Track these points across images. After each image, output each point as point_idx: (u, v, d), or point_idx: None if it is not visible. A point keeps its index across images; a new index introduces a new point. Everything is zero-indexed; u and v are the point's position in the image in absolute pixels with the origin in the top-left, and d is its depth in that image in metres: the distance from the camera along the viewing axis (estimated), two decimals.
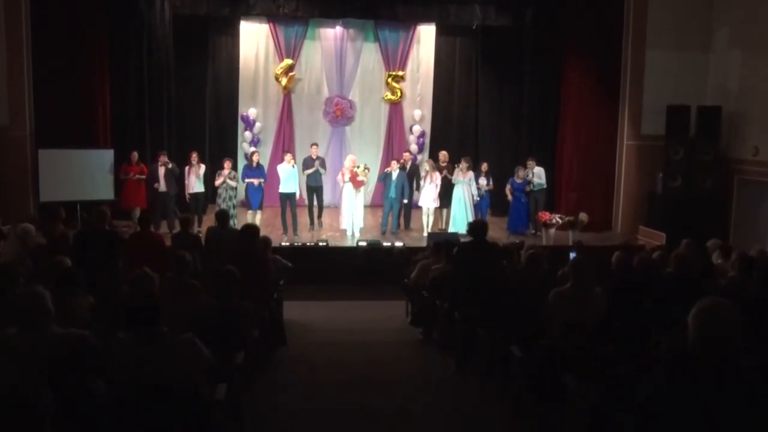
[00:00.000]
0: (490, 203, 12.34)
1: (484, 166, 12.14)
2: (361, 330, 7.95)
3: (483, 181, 11.89)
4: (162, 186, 11.39)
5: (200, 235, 8.63)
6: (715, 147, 11.38)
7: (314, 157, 11.59)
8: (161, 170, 11.38)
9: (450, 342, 6.45)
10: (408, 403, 5.46)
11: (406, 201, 11.69)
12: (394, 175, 11.54)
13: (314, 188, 11.68)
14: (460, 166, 11.75)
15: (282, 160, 11.69)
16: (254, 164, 11.55)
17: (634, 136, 12.19)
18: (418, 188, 11.92)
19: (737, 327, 2.65)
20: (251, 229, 6.73)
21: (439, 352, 6.69)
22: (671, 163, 11.52)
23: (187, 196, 11.58)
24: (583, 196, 12.57)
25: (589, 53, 12.56)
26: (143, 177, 11.46)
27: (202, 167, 11.67)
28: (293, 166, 11.44)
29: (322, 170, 11.68)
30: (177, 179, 11.51)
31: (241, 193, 12.09)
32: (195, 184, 11.54)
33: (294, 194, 11.36)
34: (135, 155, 11.52)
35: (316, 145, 11.88)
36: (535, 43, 13.32)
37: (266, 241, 7.17)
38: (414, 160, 12.94)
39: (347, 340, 7.49)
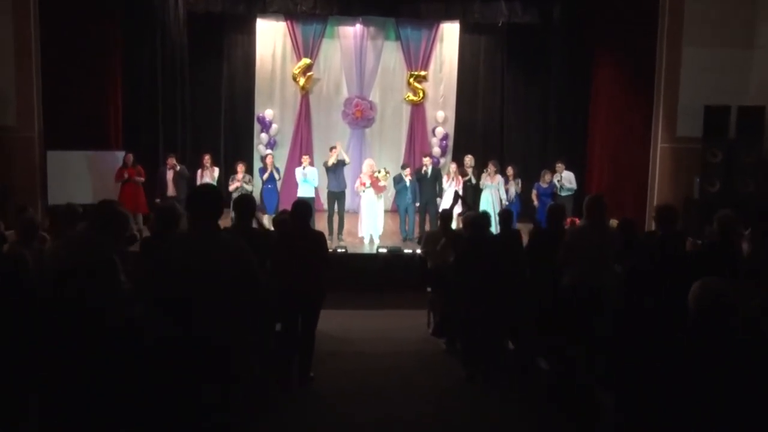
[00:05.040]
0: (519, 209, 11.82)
1: (510, 171, 11.68)
2: (381, 339, 7.67)
3: (513, 186, 11.45)
4: (170, 190, 11.01)
5: None
6: (757, 149, 10.78)
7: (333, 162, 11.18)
8: (169, 174, 11.00)
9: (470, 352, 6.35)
10: (428, 414, 5.39)
11: (418, 204, 11.25)
12: (407, 180, 11.13)
13: (336, 194, 11.11)
14: (488, 170, 11.33)
15: (299, 164, 11.40)
16: (268, 167, 11.26)
17: (669, 138, 11.62)
18: (440, 193, 11.45)
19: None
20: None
21: (462, 362, 6.47)
22: (709, 167, 10.93)
23: None
24: (614, 202, 12.06)
25: (620, 50, 12.10)
26: (141, 179, 11.03)
27: (216, 170, 11.35)
28: (304, 170, 11.10)
29: (345, 158, 11.36)
30: (188, 182, 11.14)
31: (256, 198, 11.76)
32: None
33: (312, 199, 10.98)
34: (130, 157, 11.05)
35: (335, 147, 11.42)
36: (563, 41, 13.01)
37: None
38: (437, 163, 12.55)
39: (366, 349, 7.25)
